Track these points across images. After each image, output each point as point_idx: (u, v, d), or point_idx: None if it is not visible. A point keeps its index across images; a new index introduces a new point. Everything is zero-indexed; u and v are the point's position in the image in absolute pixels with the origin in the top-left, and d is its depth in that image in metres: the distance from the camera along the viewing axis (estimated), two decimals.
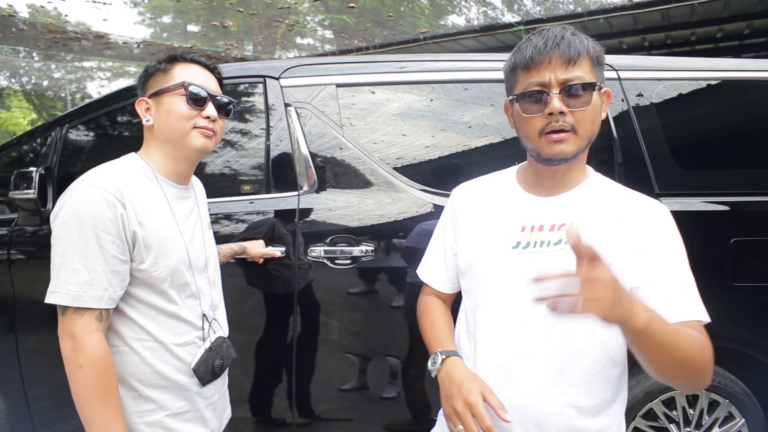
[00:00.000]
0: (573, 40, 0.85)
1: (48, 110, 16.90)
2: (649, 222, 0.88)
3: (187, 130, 1.02)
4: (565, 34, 0.86)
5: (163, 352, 1.00)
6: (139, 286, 0.98)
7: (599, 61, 0.88)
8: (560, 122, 0.84)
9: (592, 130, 0.87)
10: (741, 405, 1.70)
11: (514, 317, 0.90)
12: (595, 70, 0.87)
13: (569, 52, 0.84)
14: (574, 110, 0.84)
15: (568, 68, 0.84)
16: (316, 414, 1.74)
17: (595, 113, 0.86)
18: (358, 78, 1.78)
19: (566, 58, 0.84)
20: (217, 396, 1.13)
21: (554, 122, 0.84)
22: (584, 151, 0.90)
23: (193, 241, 1.08)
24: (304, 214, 1.68)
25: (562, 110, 0.83)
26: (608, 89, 0.90)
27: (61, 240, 0.91)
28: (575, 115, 0.84)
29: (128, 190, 0.95)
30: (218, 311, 1.15)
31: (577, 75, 0.84)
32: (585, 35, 0.88)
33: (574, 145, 0.85)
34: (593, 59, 0.86)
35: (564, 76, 0.84)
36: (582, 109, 0.84)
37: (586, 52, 0.85)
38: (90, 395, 0.90)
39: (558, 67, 0.84)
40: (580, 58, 0.84)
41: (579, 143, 0.86)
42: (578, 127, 0.85)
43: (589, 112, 0.85)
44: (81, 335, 0.90)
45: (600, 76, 0.88)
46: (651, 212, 0.89)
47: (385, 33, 7.28)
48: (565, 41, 0.85)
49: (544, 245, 0.89)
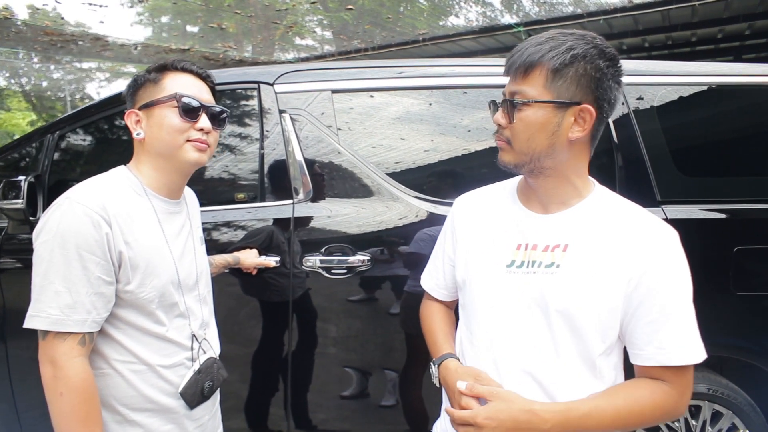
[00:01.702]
0: (529, 50, 0.81)
1: (47, 111, 16.88)
2: (653, 252, 0.81)
3: (179, 144, 0.98)
4: (531, 42, 0.82)
5: (150, 375, 0.97)
6: (125, 308, 0.94)
7: (566, 75, 0.79)
8: (498, 133, 0.87)
9: (530, 147, 0.82)
10: (744, 416, 1.67)
11: (505, 335, 0.88)
12: (553, 85, 0.80)
13: (519, 64, 0.82)
14: (511, 124, 0.83)
15: (518, 81, 0.83)
16: (313, 424, 1.72)
17: (531, 131, 0.81)
18: (355, 84, 1.75)
19: (514, 69, 0.83)
20: (207, 417, 1.09)
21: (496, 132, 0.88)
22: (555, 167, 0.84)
23: (184, 259, 1.04)
24: (299, 223, 1.65)
25: (498, 122, 0.85)
26: (586, 106, 0.80)
27: (42, 260, 0.88)
28: (511, 129, 0.84)
29: (114, 207, 0.92)
30: (209, 330, 1.12)
31: (519, 89, 0.82)
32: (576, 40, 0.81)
33: (511, 157, 0.85)
34: (552, 72, 0.79)
35: (511, 88, 0.84)
36: (513, 124, 0.83)
37: (539, 64, 0.80)
38: (71, 423, 0.87)
39: (512, 78, 0.84)
40: (529, 71, 0.81)
41: (516, 156, 0.84)
42: (513, 141, 0.84)
43: (519, 127, 0.82)
44: (62, 361, 0.87)
45: (565, 91, 0.80)
46: (655, 241, 0.82)
47: (384, 35, 7.25)
48: (521, 51, 0.82)
49: (535, 266, 0.86)
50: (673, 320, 0.80)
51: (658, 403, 0.81)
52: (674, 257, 0.82)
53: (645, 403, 0.81)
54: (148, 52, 8.36)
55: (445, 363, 0.94)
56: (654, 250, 0.81)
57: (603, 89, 0.81)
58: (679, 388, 0.82)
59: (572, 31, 0.83)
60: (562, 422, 0.78)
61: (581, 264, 0.83)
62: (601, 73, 0.81)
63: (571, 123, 0.81)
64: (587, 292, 0.82)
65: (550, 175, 0.86)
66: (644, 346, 0.81)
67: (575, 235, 0.85)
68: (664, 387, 0.82)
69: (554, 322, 0.83)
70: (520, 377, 0.85)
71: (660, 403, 0.81)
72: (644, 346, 0.81)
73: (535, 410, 0.79)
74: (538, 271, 0.85)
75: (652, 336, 0.81)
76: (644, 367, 0.83)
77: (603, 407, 0.80)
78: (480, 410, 0.80)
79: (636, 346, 0.83)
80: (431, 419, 1.68)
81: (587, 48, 0.80)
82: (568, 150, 0.84)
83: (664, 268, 0.81)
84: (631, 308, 0.82)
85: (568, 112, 0.81)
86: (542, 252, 0.86)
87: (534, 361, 0.85)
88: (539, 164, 0.84)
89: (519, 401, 0.80)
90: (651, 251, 0.81)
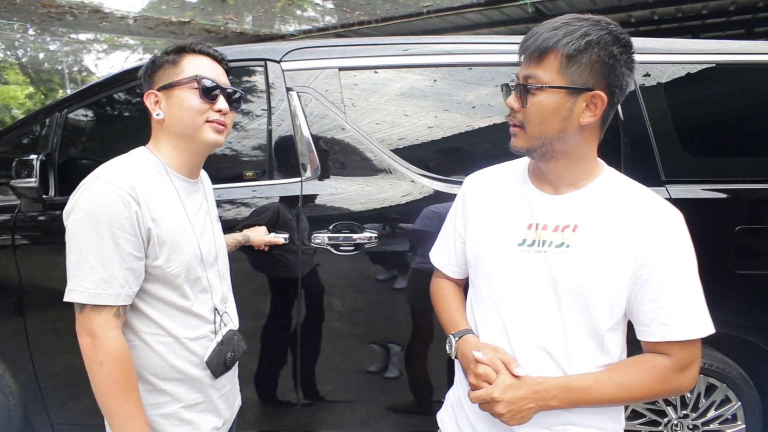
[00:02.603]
0: (544, 35, 0.81)
1: (45, 84, 16.65)
2: (658, 233, 0.84)
3: (199, 124, 1.01)
4: (544, 27, 0.83)
5: (176, 347, 1.01)
6: (154, 282, 0.98)
7: (579, 60, 0.80)
8: (510, 116, 0.88)
9: (542, 132, 0.84)
10: (738, 389, 1.74)
11: (517, 312, 0.91)
12: (567, 71, 0.81)
13: (533, 49, 0.82)
14: (524, 108, 0.84)
15: (532, 65, 0.83)
16: (320, 395, 1.78)
17: (544, 115, 0.83)
18: (361, 61, 1.74)
19: (529, 54, 0.83)
20: (229, 387, 1.15)
21: (509, 116, 0.88)
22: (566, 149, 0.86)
23: (204, 236, 1.08)
24: (307, 201, 1.67)
25: (511, 106, 0.86)
26: (598, 92, 0.81)
27: (77, 238, 0.91)
28: (524, 113, 0.85)
29: (141, 186, 0.95)
30: (228, 304, 1.16)
31: (533, 74, 0.83)
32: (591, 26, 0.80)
33: (523, 141, 0.87)
34: (566, 58, 0.80)
35: (525, 72, 0.84)
36: (526, 108, 0.84)
37: (554, 50, 0.80)
38: (111, 390, 0.92)
39: (525, 62, 0.85)
40: (543, 57, 0.81)
41: (528, 141, 0.86)
42: (526, 125, 0.85)
43: (532, 113, 0.83)
44: (100, 332, 0.91)
45: (578, 77, 0.81)
46: (661, 222, 0.85)
47: (388, 7, 7.07)
48: (535, 36, 0.82)
49: (545, 245, 0.88)
50: (676, 297, 0.83)
51: (658, 378, 0.85)
52: (678, 237, 0.85)
53: (645, 378, 0.85)
54: (148, 24, 8.21)
55: (465, 337, 0.97)
56: (659, 231, 0.84)
57: (615, 75, 0.82)
58: (684, 362, 0.85)
59: (588, 16, 0.83)
60: (564, 395, 0.84)
61: (590, 244, 0.86)
62: (615, 60, 0.81)
63: (582, 108, 0.83)
64: (596, 271, 0.85)
65: (561, 158, 0.87)
66: (650, 322, 0.85)
67: (584, 216, 0.87)
68: (666, 362, 0.85)
69: (564, 299, 0.87)
70: (533, 351, 0.89)
71: (660, 377, 0.85)
72: (650, 323, 0.85)
73: (541, 383, 0.85)
74: (549, 250, 0.88)
75: (657, 313, 0.84)
76: (651, 342, 0.87)
77: (602, 381, 0.85)
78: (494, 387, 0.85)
79: (642, 322, 0.86)
80: (435, 390, 1.76)
81: (602, 34, 0.80)
82: (579, 134, 0.85)
83: (668, 248, 0.84)
84: (636, 286, 0.85)
85: (580, 98, 0.82)
86: (552, 232, 0.88)
87: (545, 336, 0.89)
88: (551, 148, 0.86)
89: (528, 378, 0.86)
90: (656, 232, 0.84)
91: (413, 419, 1.79)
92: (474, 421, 0.97)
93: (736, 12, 6.60)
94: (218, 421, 1.12)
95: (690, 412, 1.77)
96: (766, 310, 1.66)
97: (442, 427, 1.07)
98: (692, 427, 1.78)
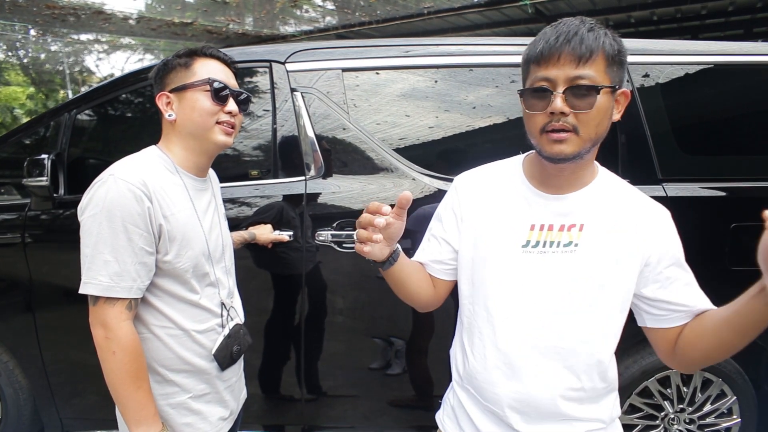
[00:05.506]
0: (587, 36, 0.79)
1: (46, 84, 16.67)
2: (656, 230, 0.90)
3: (210, 126, 1.05)
4: (580, 29, 0.80)
5: (185, 339, 1.05)
6: (164, 277, 1.02)
7: (617, 60, 0.82)
8: (561, 122, 0.81)
9: (597, 133, 0.83)
10: (733, 383, 1.76)
11: (519, 314, 0.91)
12: (610, 70, 0.81)
13: (580, 50, 0.79)
14: (577, 112, 0.80)
15: (578, 66, 0.79)
16: (323, 390, 1.81)
17: (600, 116, 0.81)
18: (364, 62, 1.77)
19: (576, 55, 0.79)
20: (235, 379, 1.19)
21: (555, 121, 0.81)
22: (591, 151, 0.86)
23: (212, 232, 1.12)
24: (311, 199, 1.71)
25: (563, 110, 0.80)
26: (626, 90, 0.85)
27: (91, 233, 0.95)
28: (578, 117, 0.80)
29: (153, 184, 0.98)
30: (234, 299, 1.20)
31: (586, 74, 0.79)
32: (606, 30, 0.82)
33: (575, 146, 0.82)
34: (609, 58, 0.80)
35: (572, 74, 0.79)
36: (585, 111, 0.80)
37: (601, 50, 0.80)
38: (124, 380, 0.95)
39: (567, 64, 0.79)
40: (593, 57, 0.79)
41: (581, 144, 0.82)
42: (580, 128, 0.81)
43: (592, 114, 0.80)
44: (113, 324, 0.94)
45: (616, 76, 0.82)
46: (657, 219, 0.91)
47: (389, 8, 7.09)
48: (577, 37, 0.79)
49: (553, 246, 0.89)
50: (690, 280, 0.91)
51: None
52: (674, 232, 0.92)
53: None
54: (150, 25, 8.24)
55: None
56: (659, 228, 0.90)
57: (624, 74, 0.86)
58: None
59: (583, 18, 0.85)
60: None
61: (598, 242, 0.88)
62: (625, 59, 0.85)
63: (614, 106, 0.85)
64: (605, 268, 0.88)
65: (585, 159, 0.87)
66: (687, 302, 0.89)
67: (590, 215, 0.90)
68: None
69: (573, 298, 0.88)
70: (543, 352, 0.90)
71: None
72: (687, 302, 0.89)
73: None
74: (557, 251, 0.89)
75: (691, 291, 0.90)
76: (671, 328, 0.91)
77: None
78: None
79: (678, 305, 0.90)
80: (436, 386, 1.79)
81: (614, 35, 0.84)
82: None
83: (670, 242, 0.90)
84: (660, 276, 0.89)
85: (615, 96, 0.84)
86: (559, 232, 0.89)
87: (554, 336, 0.90)
88: (592, 150, 0.86)
89: None
90: (657, 230, 0.90)
91: (414, 414, 1.82)
92: (478, 422, 0.97)
93: (735, 12, 6.63)
94: (225, 412, 1.15)
95: (686, 406, 1.80)
96: None
97: (442, 428, 1.07)
98: (689, 421, 1.81)
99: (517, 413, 0.93)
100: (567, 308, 0.89)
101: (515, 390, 0.92)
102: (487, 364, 0.94)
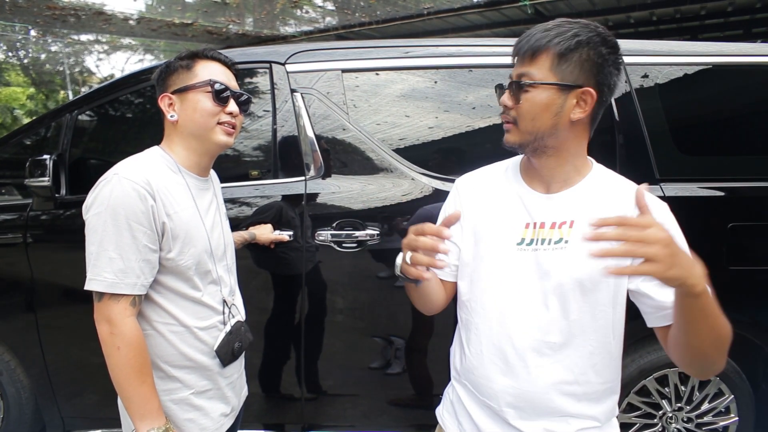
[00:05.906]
0: (537, 35, 0.86)
1: (47, 85, 16.68)
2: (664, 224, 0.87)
3: (211, 126, 1.07)
4: (537, 29, 0.86)
5: (187, 336, 1.06)
6: (167, 274, 1.03)
7: (571, 59, 0.84)
8: (504, 113, 0.92)
9: (534, 126, 0.88)
10: (730, 382, 1.77)
11: (513, 310, 0.93)
12: (559, 68, 0.85)
13: (527, 48, 0.86)
14: (514, 106, 0.89)
15: (525, 64, 0.87)
16: (323, 389, 1.82)
17: (536, 111, 0.87)
18: (363, 63, 1.78)
19: (522, 53, 0.87)
20: (236, 375, 1.20)
21: (504, 113, 0.92)
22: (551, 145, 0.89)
23: (214, 231, 1.13)
24: (311, 199, 1.72)
25: (505, 104, 0.90)
26: (588, 89, 0.86)
27: (96, 231, 0.96)
28: (517, 110, 0.89)
29: (157, 183, 1.00)
30: (236, 296, 1.22)
31: (526, 71, 0.87)
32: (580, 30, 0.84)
33: (516, 137, 0.90)
34: (558, 56, 0.84)
35: (519, 71, 0.88)
36: (518, 105, 0.88)
37: (546, 48, 0.85)
38: (128, 374, 0.97)
39: (518, 62, 0.89)
40: (536, 55, 0.86)
41: (521, 136, 0.89)
42: (518, 121, 0.89)
43: (525, 108, 0.87)
44: (117, 320, 0.96)
45: (569, 75, 0.85)
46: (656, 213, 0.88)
47: (389, 9, 7.11)
48: (530, 36, 0.87)
49: (544, 243, 0.91)
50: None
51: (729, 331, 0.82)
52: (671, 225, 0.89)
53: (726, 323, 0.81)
54: (150, 26, 8.25)
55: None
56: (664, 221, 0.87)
57: (604, 74, 0.87)
58: None
59: (577, 20, 0.88)
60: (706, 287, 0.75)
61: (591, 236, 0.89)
62: (603, 59, 0.86)
63: (573, 105, 0.87)
64: (595, 263, 0.87)
65: (552, 154, 0.91)
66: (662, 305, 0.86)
67: (580, 212, 0.91)
68: None
69: (565, 294, 0.89)
70: (536, 347, 0.92)
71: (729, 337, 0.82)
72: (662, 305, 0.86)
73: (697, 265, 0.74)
74: (548, 248, 0.91)
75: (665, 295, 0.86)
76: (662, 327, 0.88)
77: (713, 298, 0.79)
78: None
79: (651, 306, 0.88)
80: (435, 385, 1.80)
81: (591, 35, 0.85)
82: (570, 130, 0.89)
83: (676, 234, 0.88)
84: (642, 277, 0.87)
85: (571, 95, 0.86)
86: (549, 229, 0.91)
87: (548, 332, 0.91)
88: (542, 143, 0.89)
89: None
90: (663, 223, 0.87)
91: (414, 413, 1.83)
92: (475, 416, 0.99)
93: (734, 13, 6.65)
94: (226, 408, 1.16)
95: (684, 405, 1.81)
96: (758, 305, 1.70)
97: (442, 422, 1.09)
98: (686, 420, 1.82)
99: (513, 408, 0.94)
100: (558, 304, 0.90)
101: (510, 385, 0.93)
102: (483, 360, 0.96)
